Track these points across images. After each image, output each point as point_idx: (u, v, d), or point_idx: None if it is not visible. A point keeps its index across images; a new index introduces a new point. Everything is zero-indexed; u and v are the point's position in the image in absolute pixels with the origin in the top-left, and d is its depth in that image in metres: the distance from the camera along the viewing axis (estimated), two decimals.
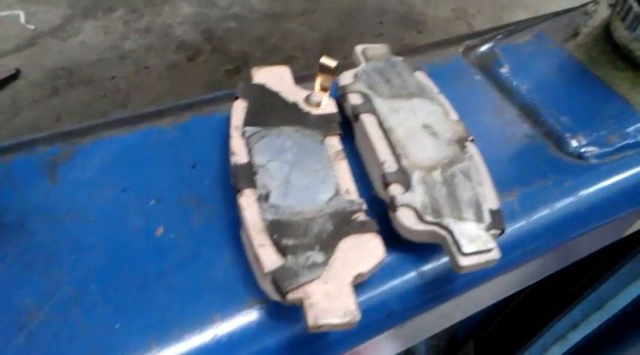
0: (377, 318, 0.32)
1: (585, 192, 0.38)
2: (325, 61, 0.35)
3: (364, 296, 0.31)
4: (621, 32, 0.43)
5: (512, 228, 0.36)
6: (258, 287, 0.29)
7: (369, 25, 2.39)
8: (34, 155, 0.32)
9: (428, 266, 0.33)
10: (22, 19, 2.29)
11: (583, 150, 0.39)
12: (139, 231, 0.30)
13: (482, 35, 0.46)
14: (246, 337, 0.28)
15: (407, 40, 2.31)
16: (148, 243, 0.30)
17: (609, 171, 0.39)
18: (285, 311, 0.29)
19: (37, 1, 2.40)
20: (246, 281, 0.30)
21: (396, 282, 0.32)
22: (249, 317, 0.29)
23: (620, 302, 0.80)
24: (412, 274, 0.33)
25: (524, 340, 1.00)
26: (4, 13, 2.26)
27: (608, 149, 0.40)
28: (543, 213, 0.37)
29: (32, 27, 2.26)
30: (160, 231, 0.31)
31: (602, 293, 0.82)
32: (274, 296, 0.28)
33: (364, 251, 0.29)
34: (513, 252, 0.36)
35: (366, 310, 0.31)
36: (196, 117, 0.36)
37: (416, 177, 0.32)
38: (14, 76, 2.05)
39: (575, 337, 0.87)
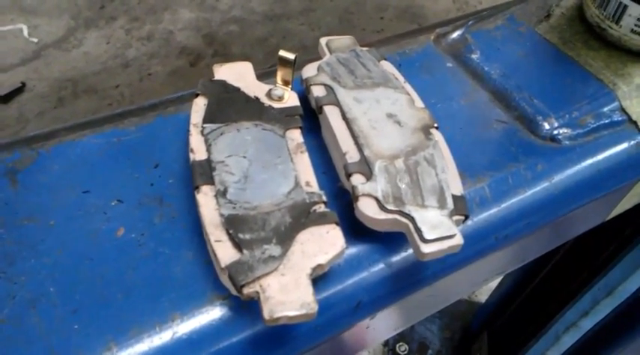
0: (345, 310, 0.32)
1: (559, 175, 0.38)
2: (284, 54, 0.35)
3: (331, 289, 0.31)
4: (593, 11, 0.42)
5: (484, 215, 0.35)
6: (220, 283, 0.29)
7: (370, 21, 2.38)
8: None
9: (397, 256, 0.33)
10: (25, 33, 2.31)
11: (556, 132, 0.39)
12: (100, 233, 0.30)
13: (454, 22, 0.46)
14: (206, 333, 0.28)
15: None
16: (109, 243, 0.30)
17: (583, 152, 0.39)
18: (247, 306, 0.29)
19: (40, 13, 2.42)
20: (207, 277, 0.30)
21: (363, 273, 0.32)
22: (210, 313, 0.28)
23: (629, 287, 0.79)
24: (380, 264, 0.32)
25: (537, 329, 1.00)
26: (7, 28, 2.29)
27: (581, 130, 0.39)
28: (515, 198, 0.36)
29: (35, 40, 2.29)
30: (121, 231, 0.31)
31: (610, 280, 0.81)
32: (234, 291, 0.28)
33: (323, 242, 0.29)
34: (486, 239, 0.36)
35: (334, 302, 0.31)
36: (160, 117, 0.36)
37: (378, 167, 0.32)
38: (20, 90, 2.08)
39: (587, 324, 0.86)
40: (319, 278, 0.30)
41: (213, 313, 0.28)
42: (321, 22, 2.38)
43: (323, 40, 0.40)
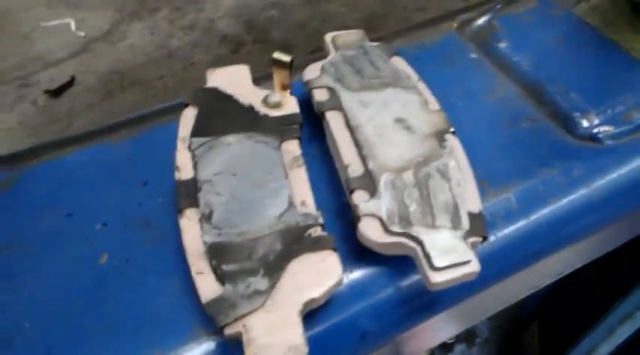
0: (349, 341, 0.29)
1: (600, 180, 0.33)
2: (278, 55, 0.31)
3: (331, 319, 0.28)
4: None
5: (509, 230, 0.31)
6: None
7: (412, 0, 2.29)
8: None
9: (407, 279, 0.29)
10: (73, 27, 2.35)
11: (596, 130, 0.34)
12: (81, 260, 0.28)
13: (481, 6, 0.41)
14: None
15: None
16: (90, 272, 0.28)
17: (629, 153, 0.33)
18: (235, 343, 0.26)
19: (85, 7, 2.46)
20: (194, 309, 0.27)
21: (369, 300, 0.29)
22: (194, 352, 0.26)
23: None
24: (388, 290, 0.29)
25: (591, 320, 0.95)
26: (55, 22, 2.33)
27: (626, 127, 0.34)
28: (547, 209, 0.32)
29: (83, 34, 2.32)
30: (103, 258, 0.28)
31: None
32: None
33: (317, 272, 0.26)
34: (512, 257, 0.31)
35: (335, 334, 0.28)
36: (151, 130, 0.34)
37: (383, 181, 0.28)
38: (69, 83, 2.12)
39: None
40: (318, 307, 0.27)
41: (197, 351, 0.26)
42: (361, 2, 2.31)
43: (328, 36, 0.36)
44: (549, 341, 1.15)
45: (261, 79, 0.35)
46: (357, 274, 0.29)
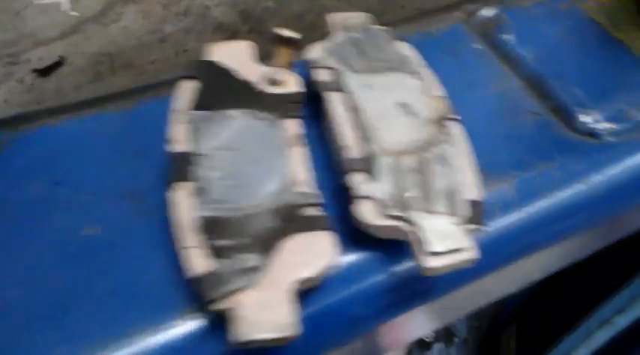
0: (339, 325, 0.28)
1: (597, 176, 0.33)
2: (282, 32, 0.31)
3: (321, 302, 0.27)
4: None
5: (507, 220, 0.31)
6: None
7: None
8: None
9: (400, 266, 0.29)
10: (65, 7, 2.32)
11: (596, 126, 0.34)
12: (66, 230, 0.27)
13: None
14: (174, 350, 0.25)
15: None
16: (77, 243, 0.27)
17: (628, 150, 0.33)
18: (223, 321, 0.26)
19: None
20: (181, 286, 0.26)
21: (360, 284, 0.28)
22: (180, 328, 0.25)
23: None
24: (380, 275, 0.28)
25: (569, 324, 0.95)
26: (48, 1, 2.30)
27: (626, 125, 0.34)
28: (544, 202, 0.31)
29: (76, 14, 2.29)
30: (91, 229, 0.28)
31: None
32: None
33: (312, 252, 0.25)
34: (508, 247, 0.31)
35: (324, 317, 0.28)
36: (147, 102, 0.33)
37: (382, 164, 0.28)
38: (59, 63, 2.09)
39: (622, 322, 0.82)
40: (308, 290, 0.27)
41: (183, 328, 0.25)
42: None
43: (331, 17, 0.36)
44: (526, 343, 1.15)
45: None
46: (351, 257, 0.28)
